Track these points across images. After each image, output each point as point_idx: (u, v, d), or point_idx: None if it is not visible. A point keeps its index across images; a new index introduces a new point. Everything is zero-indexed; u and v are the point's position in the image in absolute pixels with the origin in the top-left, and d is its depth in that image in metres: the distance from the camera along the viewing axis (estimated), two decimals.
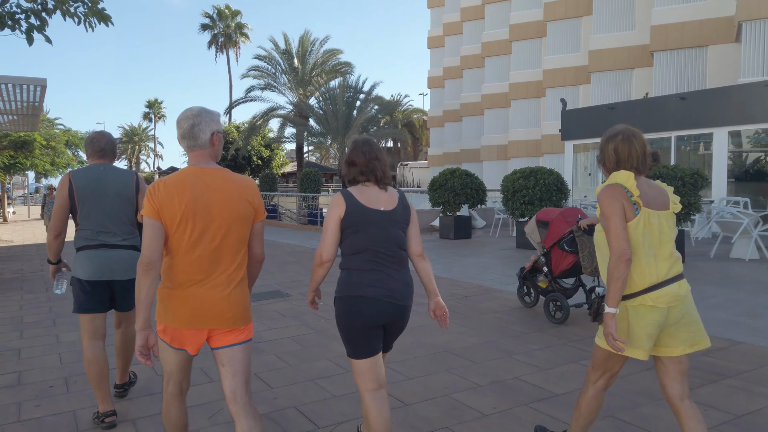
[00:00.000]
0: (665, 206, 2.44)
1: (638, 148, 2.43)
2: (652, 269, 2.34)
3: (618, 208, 2.32)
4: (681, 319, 2.39)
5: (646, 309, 2.33)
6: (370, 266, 2.53)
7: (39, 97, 8.16)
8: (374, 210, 2.55)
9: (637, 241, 2.35)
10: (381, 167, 2.61)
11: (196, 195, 2.30)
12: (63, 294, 4.34)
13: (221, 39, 46.89)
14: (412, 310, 6.19)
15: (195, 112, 2.40)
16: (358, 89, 29.51)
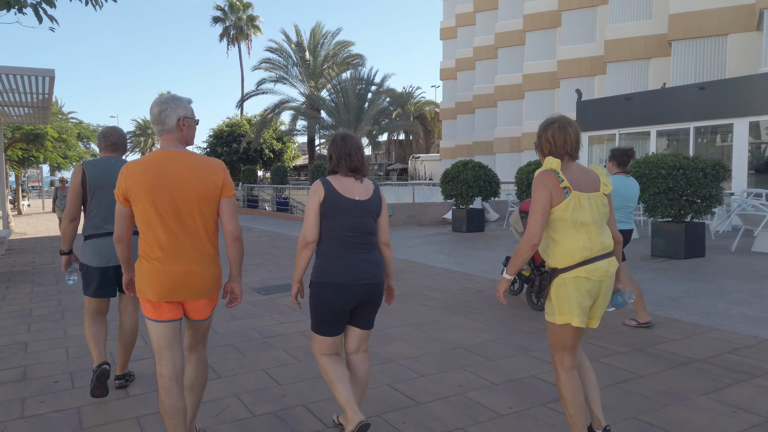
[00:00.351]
0: (596, 189, 2.64)
1: (572, 135, 2.63)
2: (586, 245, 2.56)
3: (543, 196, 2.55)
4: (607, 293, 2.65)
5: (581, 280, 2.56)
6: (342, 252, 2.74)
7: (48, 89, 8.10)
8: (349, 199, 2.75)
9: (569, 221, 2.57)
10: (357, 160, 2.82)
11: (160, 176, 2.48)
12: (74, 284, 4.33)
13: (233, 31, 46.83)
14: (423, 304, 6.05)
15: (164, 99, 2.58)
16: (369, 81, 29.31)
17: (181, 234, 2.52)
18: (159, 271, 2.50)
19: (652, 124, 15.51)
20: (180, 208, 2.50)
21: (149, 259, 2.52)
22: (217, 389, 3.79)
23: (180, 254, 2.51)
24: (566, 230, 2.58)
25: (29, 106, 9.88)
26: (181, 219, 2.51)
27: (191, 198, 2.52)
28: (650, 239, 10.61)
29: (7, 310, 6.24)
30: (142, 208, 2.49)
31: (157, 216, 2.49)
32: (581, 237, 2.57)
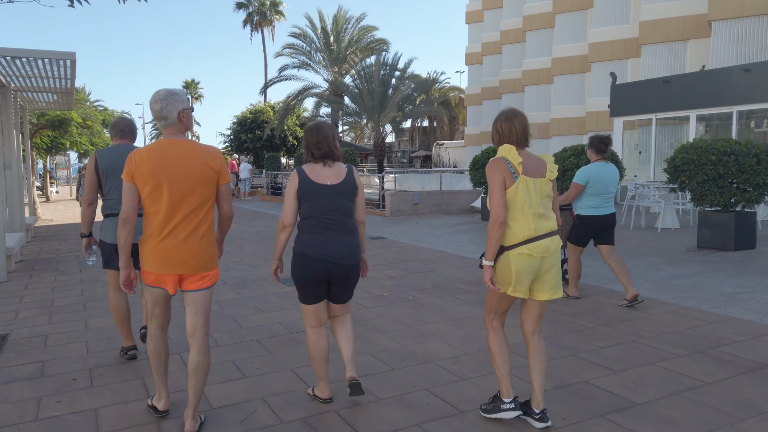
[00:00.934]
0: (542, 174, 2.89)
1: (518, 126, 2.90)
2: (531, 225, 2.81)
3: (498, 180, 2.81)
4: (551, 269, 2.89)
5: (523, 257, 2.81)
6: (316, 230, 3.06)
7: (70, 73, 7.91)
8: (320, 184, 3.05)
9: (516, 203, 2.82)
10: (325, 147, 3.07)
11: (162, 162, 2.75)
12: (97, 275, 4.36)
13: (256, 17, 46.56)
14: (457, 298, 5.72)
15: (162, 95, 2.80)
16: (394, 66, 28.77)
17: (179, 213, 2.78)
18: (158, 246, 2.79)
19: (692, 108, 14.80)
20: (180, 189, 2.77)
21: (151, 235, 2.81)
22: (242, 391, 3.53)
23: (177, 231, 2.79)
24: (514, 212, 2.84)
25: (54, 91, 9.74)
26: (181, 200, 2.77)
27: (191, 181, 2.78)
28: (696, 230, 10.07)
29: (30, 299, 6.09)
30: (145, 188, 2.76)
31: (159, 196, 2.76)
32: (526, 218, 2.83)
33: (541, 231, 2.84)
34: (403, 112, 29.84)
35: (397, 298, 5.83)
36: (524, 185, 2.82)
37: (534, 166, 2.89)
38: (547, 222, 2.89)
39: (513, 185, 2.81)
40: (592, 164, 5.28)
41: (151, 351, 3.01)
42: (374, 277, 6.88)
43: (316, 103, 32.20)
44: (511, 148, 2.87)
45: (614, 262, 5.29)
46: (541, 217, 2.87)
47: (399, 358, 4.07)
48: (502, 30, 32.18)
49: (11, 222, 9.36)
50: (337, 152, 3.13)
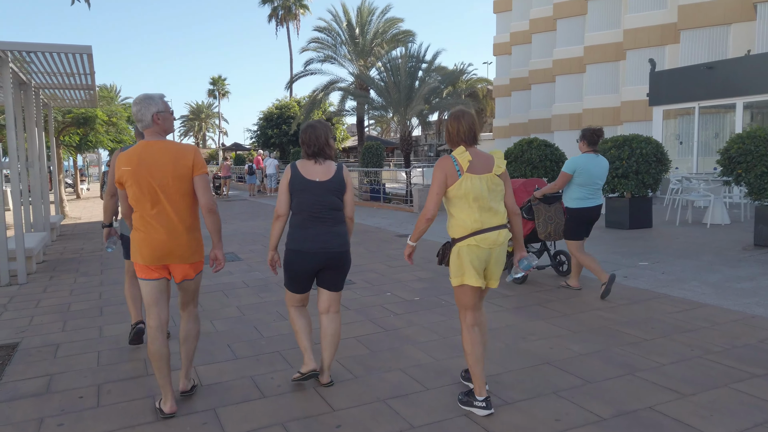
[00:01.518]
0: (489, 170, 3.00)
1: (465, 125, 3.02)
2: (477, 219, 2.96)
3: (439, 178, 2.98)
4: (499, 259, 3.06)
5: (473, 248, 2.97)
6: (307, 224, 3.23)
7: (89, 68, 7.69)
8: (310, 180, 3.23)
9: (462, 198, 2.97)
10: (316, 146, 3.27)
11: (141, 161, 2.97)
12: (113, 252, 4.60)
13: (281, 12, 46.40)
14: (493, 304, 5.28)
15: (138, 99, 3.04)
16: (420, 58, 28.19)
17: (162, 208, 3.00)
18: (145, 240, 3.02)
19: (738, 96, 13.93)
20: (159, 186, 2.98)
21: (138, 230, 3.05)
22: (260, 413, 3.17)
23: (161, 225, 3.01)
24: (461, 206, 3.00)
25: (76, 88, 9.58)
26: (161, 196, 2.99)
27: (167, 177, 2.99)
28: (751, 226, 9.37)
29: (47, 303, 5.87)
30: (130, 188, 3.00)
31: (142, 194, 2.99)
32: (473, 212, 2.98)
33: (488, 224, 3.01)
34: (429, 105, 29.28)
35: (428, 303, 5.42)
36: (468, 182, 2.97)
37: (481, 163, 3.03)
38: (495, 216, 3.03)
39: (456, 182, 2.98)
40: (581, 155, 5.38)
41: (152, 353, 3.10)
42: (403, 279, 6.47)
43: (342, 96, 31.87)
44: (463, 149, 3.03)
45: (583, 256, 5.46)
46: (489, 210, 3.01)
47: (433, 374, 3.66)
48: (532, 18, 31.25)
49: (35, 221, 9.24)
50: (328, 150, 3.33)
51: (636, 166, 8.97)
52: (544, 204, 5.85)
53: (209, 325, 4.92)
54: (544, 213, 5.83)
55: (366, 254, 8.19)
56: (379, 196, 16.37)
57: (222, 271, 7.25)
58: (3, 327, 5.06)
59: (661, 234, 9.03)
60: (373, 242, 9.31)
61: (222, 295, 6.02)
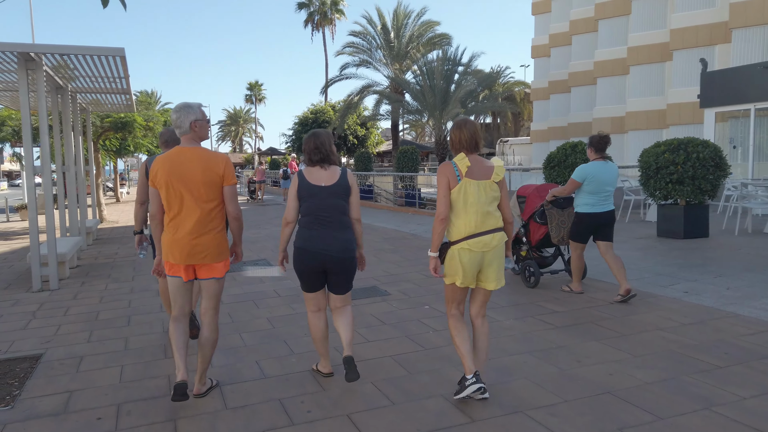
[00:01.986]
0: (487, 177, 3.20)
1: (466, 134, 3.23)
2: (471, 223, 3.17)
3: (443, 182, 3.21)
4: (492, 262, 3.23)
5: (465, 251, 3.18)
6: (313, 226, 3.39)
7: (123, 71, 7.61)
8: (315, 185, 3.38)
9: (459, 202, 3.19)
10: (323, 153, 3.42)
11: (174, 167, 3.16)
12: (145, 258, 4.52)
13: (317, 17, 46.63)
14: (542, 321, 4.85)
15: (179, 107, 3.25)
16: (456, 61, 27.77)
17: (190, 211, 3.20)
18: (174, 240, 3.22)
19: None
20: (189, 191, 3.18)
21: (168, 231, 3.25)
22: None
23: (188, 227, 3.20)
24: (458, 210, 3.18)
25: (112, 92, 9.57)
26: (190, 200, 3.19)
27: (197, 183, 3.19)
28: None
29: (75, 311, 5.74)
30: (163, 191, 3.20)
31: (173, 197, 3.19)
32: (468, 216, 3.15)
33: (482, 228, 3.17)
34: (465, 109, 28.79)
35: (468, 317, 5.03)
36: (466, 186, 3.16)
37: (480, 170, 3.20)
38: (490, 220, 3.19)
39: (456, 186, 3.17)
40: (591, 162, 5.40)
41: (171, 333, 3.36)
42: (441, 290, 6.10)
43: (377, 100, 31.68)
44: (463, 156, 3.21)
45: (611, 258, 5.42)
46: (485, 215, 3.17)
47: (480, 404, 3.28)
48: (572, 20, 30.44)
49: (71, 225, 9.23)
50: (333, 157, 3.48)
51: (692, 171, 8.35)
52: (557, 209, 5.93)
53: (238, 339, 4.66)
54: (557, 218, 5.92)
55: (402, 262, 7.84)
56: (414, 201, 15.97)
57: (254, 279, 7.03)
58: (30, 336, 4.92)
59: (720, 244, 8.39)
60: (408, 250, 8.96)
61: (252, 305, 5.77)
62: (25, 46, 6.07)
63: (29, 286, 6.93)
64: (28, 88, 6.35)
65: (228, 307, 5.67)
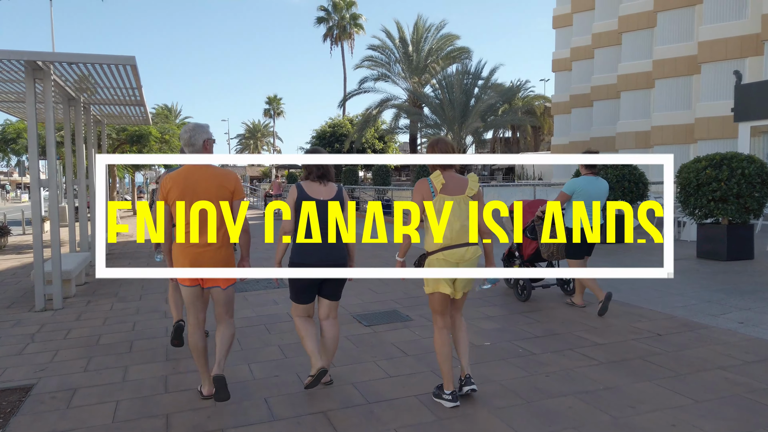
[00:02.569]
0: (461, 192, 3.38)
1: (438, 152, 3.44)
2: (446, 236, 3.33)
3: (417, 198, 3.41)
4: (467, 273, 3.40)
5: (440, 261, 3.36)
6: (309, 238, 3.59)
7: (134, 81, 7.33)
8: (314, 198, 3.61)
9: (434, 216, 3.35)
10: (323, 169, 3.66)
11: (187, 183, 3.42)
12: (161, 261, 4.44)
13: (336, 31, 46.75)
14: (584, 356, 4.35)
15: (191, 127, 3.56)
16: (476, 75, 27.45)
17: (201, 225, 3.41)
18: (183, 251, 3.43)
19: None
20: (201, 206, 3.39)
21: (180, 242, 3.44)
22: None
23: (198, 239, 3.41)
24: (434, 224, 3.37)
25: (126, 103, 9.33)
26: (201, 214, 3.39)
27: (209, 198, 3.40)
28: None
29: (76, 334, 5.37)
30: (174, 205, 3.40)
31: (185, 212, 3.39)
32: (443, 229, 3.34)
33: (457, 241, 3.34)
34: (485, 123, 28.36)
35: (502, 350, 4.55)
36: (440, 202, 3.33)
37: (455, 186, 3.37)
38: (464, 234, 3.35)
39: (431, 201, 3.34)
40: (581, 177, 5.57)
41: (191, 345, 3.60)
42: (469, 316, 5.62)
43: (395, 114, 31.45)
44: (438, 173, 3.38)
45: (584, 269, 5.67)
46: (458, 229, 3.33)
47: None
48: (594, 33, 29.98)
49: (81, 240, 8.94)
50: (331, 173, 3.70)
51: (737, 189, 7.78)
52: None
53: (246, 371, 4.23)
54: None
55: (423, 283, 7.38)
56: None
57: (266, 300, 6.62)
58: (24, 363, 4.55)
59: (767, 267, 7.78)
60: None
61: (264, 329, 5.35)
62: (32, 54, 5.79)
63: (33, 304, 6.60)
64: (35, 98, 6.07)
65: (238, 332, 5.26)
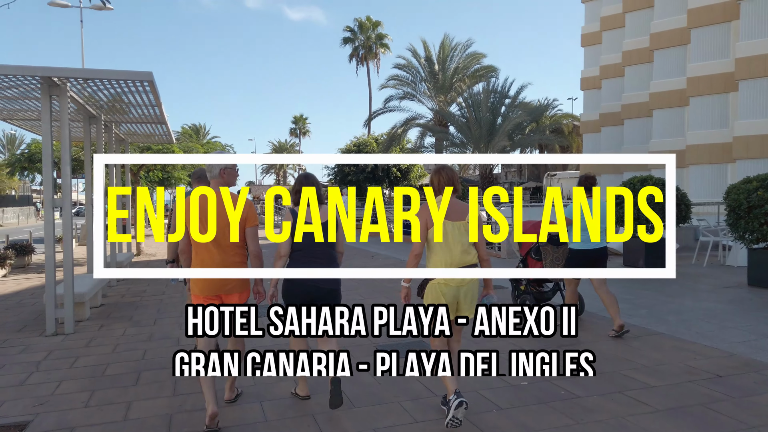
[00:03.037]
0: (462, 218, 3.56)
1: (444, 177, 3.60)
2: (447, 260, 3.49)
3: (421, 223, 3.54)
4: (467, 294, 3.54)
5: (441, 285, 3.51)
6: (303, 261, 3.72)
7: (154, 99, 7.14)
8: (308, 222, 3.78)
9: (436, 240, 3.52)
10: (318, 194, 3.80)
11: (203, 207, 3.60)
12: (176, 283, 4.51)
13: (362, 51, 46.94)
14: (635, 400, 3.84)
15: (210, 156, 3.77)
16: (503, 94, 27.02)
17: (216, 248, 3.59)
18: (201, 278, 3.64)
19: None
20: (215, 229, 3.59)
21: (195, 265, 3.63)
22: None
23: (214, 262, 3.59)
24: (434, 247, 3.54)
25: (149, 122, 9.20)
26: (216, 238, 3.59)
27: (223, 224, 3.61)
28: None
29: (83, 362, 5.07)
30: (191, 228, 3.61)
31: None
32: (444, 253, 3.50)
33: (458, 264, 3.50)
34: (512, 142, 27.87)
35: (540, 392, 4.08)
36: (441, 226, 3.50)
37: (456, 211, 3.56)
38: (465, 257, 3.51)
39: (433, 227, 3.52)
40: None
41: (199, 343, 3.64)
42: (498, 346, 5.15)
43: (421, 133, 31.18)
44: (441, 199, 3.58)
45: (605, 293, 5.55)
46: (460, 253, 3.50)
47: None
48: (625, 51, 29.35)
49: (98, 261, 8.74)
50: (325, 197, 3.89)
51: None
52: (552, 245, 6.01)
53: (257, 410, 3.85)
54: (551, 254, 6.03)
55: None
56: None
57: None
58: (24, 395, 4.25)
59: None
60: None
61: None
62: (47, 69, 5.63)
63: (44, 329, 6.35)
64: (50, 115, 5.90)
65: None
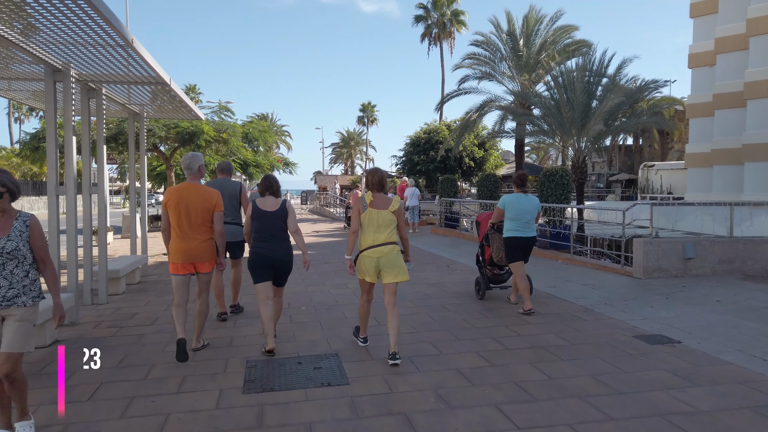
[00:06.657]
0: (385, 208, 4.85)
1: (376, 178, 4.95)
2: (371, 238, 4.78)
3: (355, 207, 4.88)
4: (388, 264, 4.78)
5: (366, 257, 4.80)
6: (261, 238, 5.07)
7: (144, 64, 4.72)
8: (263, 210, 5.10)
9: (365, 223, 4.83)
10: (273, 187, 5.21)
11: (181, 197, 4.93)
12: None
13: (435, 30, 43.85)
14: None
15: (189, 156, 5.16)
16: (599, 72, 23.23)
17: (190, 227, 4.91)
18: (179, 247, 4.90)
19: None
20: (190, 214, 4.91)
21: (174, 240, 4.93)
22: None
23: (189, 237, 4.89)
24: (364, 229, 4.83)
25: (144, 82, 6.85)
26: (190, 220, 4.90)
27: (197, 209, 4.94)
28: None
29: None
30: (172, 213, 4.93)
31: (179, 217, 4.90)
32: (370, 234, 4.80)
33: (378, 242, 4.78)
34: (608, 127, 24.04)
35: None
36: (370, 213, 4.80)
37: (381, 203, 4.87)
38: (383, 235, 4.79)
39: (364, 212, 4.82)
40: (512, 194, 6.78)
41: (174, 315, 4.93)
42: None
43: (500, 117, 27.86)
44: (370, 193, 4.92)
45: (520, 278, 6.60)
46: (381, 233, 4.79)
47: None
48: (750, 18, 24.73)
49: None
50: (279, 191, 5.26)
51: None
52: (498, 233, 6.96)
53: None
54: (497, 241, 6.98)
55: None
56: (564, 244, 11.53)
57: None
58: None
59: None
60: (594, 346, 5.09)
61: None
62: None
63: None
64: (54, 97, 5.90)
65: None
